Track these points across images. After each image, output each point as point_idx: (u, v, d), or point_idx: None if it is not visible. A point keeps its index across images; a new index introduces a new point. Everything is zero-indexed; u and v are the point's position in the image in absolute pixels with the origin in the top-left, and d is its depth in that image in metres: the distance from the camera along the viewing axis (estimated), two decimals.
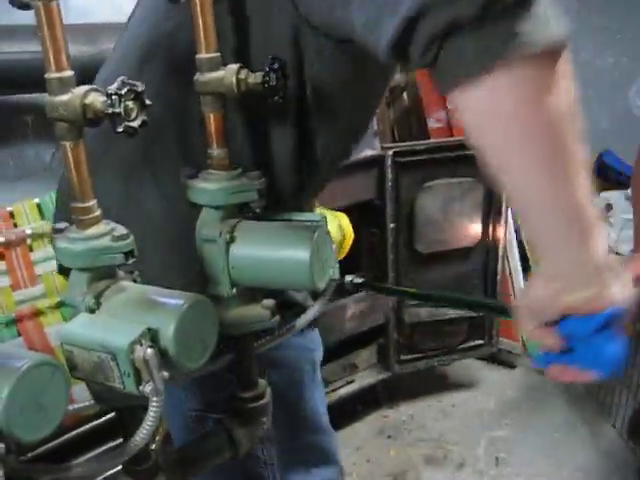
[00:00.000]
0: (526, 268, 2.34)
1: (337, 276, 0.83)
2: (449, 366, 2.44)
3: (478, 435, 2.14)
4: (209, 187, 0.77)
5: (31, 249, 1.81)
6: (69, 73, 0.63)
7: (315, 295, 0.87)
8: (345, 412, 2.16)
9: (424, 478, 2.00)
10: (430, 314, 2.11)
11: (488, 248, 2.14)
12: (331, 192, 1.02)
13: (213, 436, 0.88)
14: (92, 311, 0.67)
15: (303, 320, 0.86)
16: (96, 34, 1.74)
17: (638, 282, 1.87)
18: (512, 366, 2.47)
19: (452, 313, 2.13)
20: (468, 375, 2.44)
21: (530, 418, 2.21)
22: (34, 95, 1.78)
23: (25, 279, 1.82)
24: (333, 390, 2.03)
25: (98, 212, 0.68)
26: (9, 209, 1.79)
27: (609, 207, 3.38)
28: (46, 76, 0.63)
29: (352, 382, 2.10)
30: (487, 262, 2.16)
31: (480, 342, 2.24)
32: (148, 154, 0.85)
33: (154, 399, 0.63)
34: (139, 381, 0.62)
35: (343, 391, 2.07)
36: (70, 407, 0.77)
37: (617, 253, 3.25)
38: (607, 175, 3.45)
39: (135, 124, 0.62)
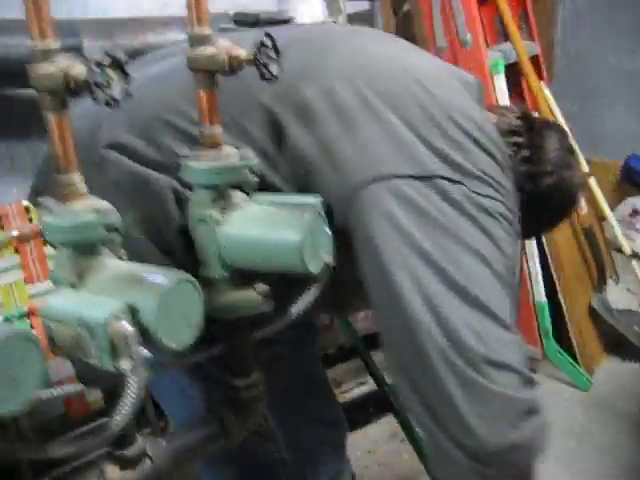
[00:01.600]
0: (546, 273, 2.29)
1: (332, 261, 0.81)
2: None
3: None
4: (199, 166, 0.76)
5: (45, 243, 1.82)
6: (52, 42, 0.62)
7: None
8: (357, 414, 2.12)
9: None
10: None
11: None
12: None
13: (204, 424, 0.87)
14: (74, 286, 0.65)
15: (299, 306, 0.84)
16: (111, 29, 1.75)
17: None
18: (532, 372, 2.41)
19: None
20: None
21: None
22: None
23: (38, 273, 1.83)
24: (345, 392, 2.00)
25: (83, 186, 0.66)
26: (24, 204, 1.80)
27: (635, 212, 3.31)
28: (31, 44, 0.62)
29: (364, 383, 2.07)
30: None
31: None
32: None
33: (132, 377, 0.61)
34: (116, 358, 0.60)
35: (355, 393, 2.04)
36: (54, 390, 0.76)
37: None
38: (634, 179, 3.38)
39: (115, 94, 0.60)
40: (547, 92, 2.48)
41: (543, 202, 1.03)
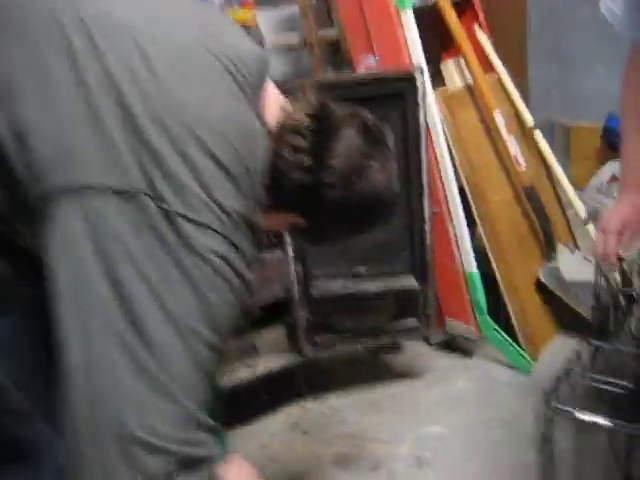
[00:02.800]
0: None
1: None
2: (395, 353, 2.12)
3: (405, 432, 1.80)
4: None
5: None
6: None
7: None
8: (247, 402, 1.86)
9: None
10: (344, 287, 1.79)
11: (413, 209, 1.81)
12: None
13: None
14: None
15: None
16: None
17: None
18: (468, 354, 2.12)
19: (373, 286, 1.81)
20: (416, 363, 2.10)
21: (473, 413, 1.86)
22: None
23: None
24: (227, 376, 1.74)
25: None
26: None
27: (614, 178, 2.96)
28: None
29: (252, 367, 1.80)
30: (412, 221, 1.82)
31: (414, 323, 1.90)
32: None
33: None
34: None
35: (242, 377, 1.78)
36: None
37: None
38: (613, 141, 3.02)
39: None
40: (482, 36, 2.19)
41: (330, 215, 0.88)
